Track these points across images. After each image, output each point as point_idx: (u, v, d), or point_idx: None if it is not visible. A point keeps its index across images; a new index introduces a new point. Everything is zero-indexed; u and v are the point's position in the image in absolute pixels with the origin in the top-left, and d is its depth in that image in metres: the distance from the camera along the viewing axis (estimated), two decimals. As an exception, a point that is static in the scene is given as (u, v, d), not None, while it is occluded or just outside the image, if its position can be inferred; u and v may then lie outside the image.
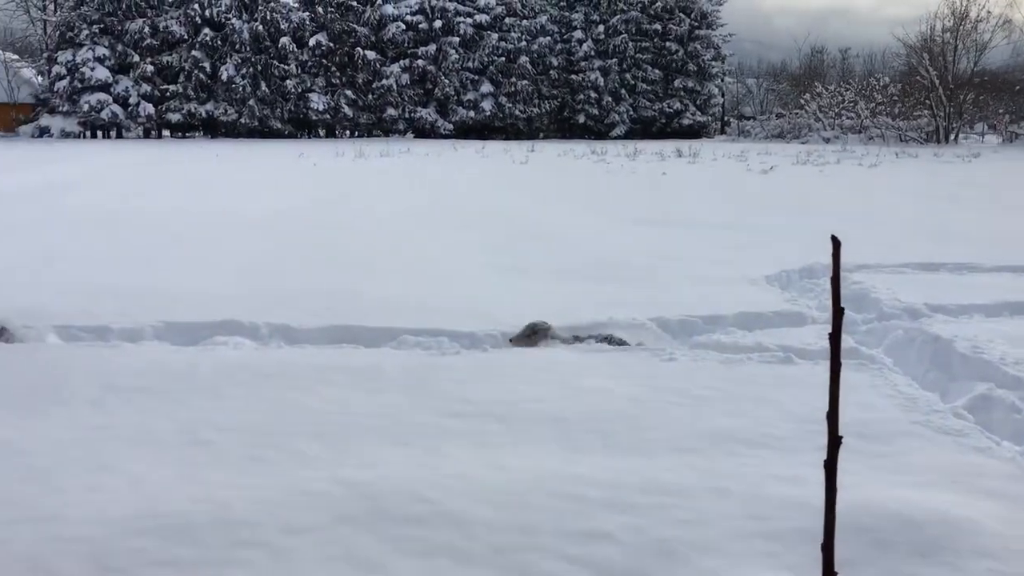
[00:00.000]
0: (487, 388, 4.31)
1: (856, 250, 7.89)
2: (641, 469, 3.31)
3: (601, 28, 51.56)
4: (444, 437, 3.67)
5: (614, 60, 51.57)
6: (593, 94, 51.36)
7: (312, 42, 46.13)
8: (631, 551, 2.70)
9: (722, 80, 58.63)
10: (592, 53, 51.52)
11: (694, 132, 52.37)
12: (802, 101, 48.42)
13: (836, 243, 1.28)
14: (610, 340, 5.22)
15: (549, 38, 51.41)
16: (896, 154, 29.16)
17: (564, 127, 52.69)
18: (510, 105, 49.86)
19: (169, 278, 6.97)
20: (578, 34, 51.93)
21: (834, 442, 1.31)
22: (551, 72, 51.34)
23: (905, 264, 7.76)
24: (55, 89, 44.02)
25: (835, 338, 1.31)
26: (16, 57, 50.97)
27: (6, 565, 2.56)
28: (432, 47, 48.64)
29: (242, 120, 45.01)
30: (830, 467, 1.32)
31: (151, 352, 4.89)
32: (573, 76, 51.71)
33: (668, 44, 52.22)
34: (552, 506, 2.98)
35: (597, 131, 51.22)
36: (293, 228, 10.13)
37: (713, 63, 54.68)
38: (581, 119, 51.77)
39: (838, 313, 1.28)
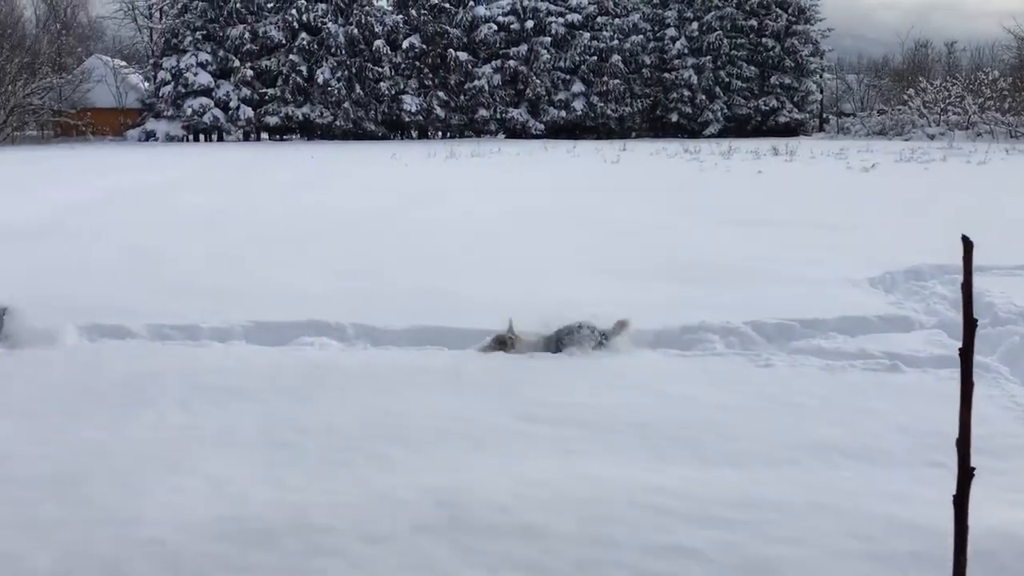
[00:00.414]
0: (570, 392, 4.18)
1: (966, 251, 7.45)
2: (732, 481, 3.13)
3: (695, 25, 50.73)
4: (525, 443, 3.55)
5: (708, 57, 50.68)
6: (686, 92, 50.58)
7: (405, 44, 46.70)
8: (721, 570, 2.53)
9: (820, 76, 57.00)
10: (685, 51, 50.74)
11: (791, 130, 51.03)
12: (905, 97, 46.61)
13: (968, 245, 1.10)
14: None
15: (641, 36, 50.84)
16: (1007, 151, 27.77)
17: (656, 126, 52.03)
18: (602, 104, 49.52)
19: (261, 277, 7.06)
20: (671, 32, 51.20)
21: (965, 474, 1.12)
22: (643, 71, 50.77)
23: (1020, 266, 7.28)
24: (160, 94, 45.67)
25: (967, 353, 1.12)
26: (124, 64, 53.10)
27: (82, 568, 2.55)
28: (523, 47, 48.67)
29: (337, 122, 45.86)
30: (960, 503, 1.13)
31: (238, 352, 4.92)
32: (666, 74, 51.01)
33: (764, 40, 51.03)
34: (636, 519, 2.83)
35: (690, 130, 50.41)
36: (384, 228, 10.18)
37: (811, 59, 53.21)
38: (674, 117, 51.03)
39: (970, 325, 1.10)
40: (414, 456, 3.40)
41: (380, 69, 46.23)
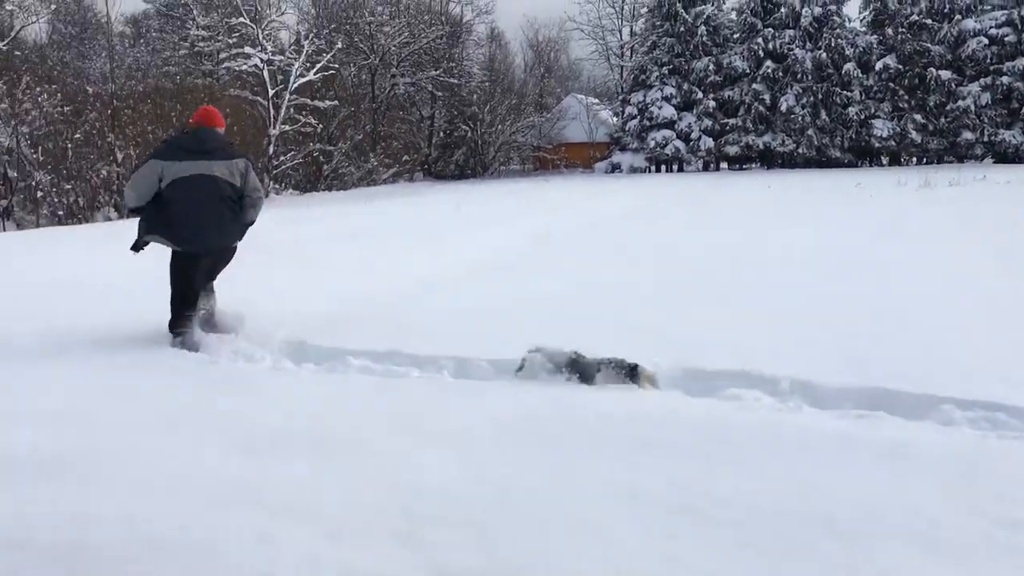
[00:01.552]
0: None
1: None
2: None
3: None
4: (999, 554, 2.84)
5: None
6: None
7: (879, 66, 43.88)
8: None
9: None
10: None
11: None
12: None
13: None
14: None
15: None
16: None
17: None
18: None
19: (690, 316, 6.80)
20: None
21: None
22: None
23: None
24: (626, 128, 48.10)
25: None
26: (596, 101, 56.99)
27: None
28: (1020, 62, 43.06)
29: (799, 150, 44.52)
30: None
31: (660, 400, 4.70)
32: None
33: None
34: None
35: None
36: (831, 266, 9.33)
37: None
38: None
39: None
40: (847, 553, 2.88)
41: (849, 93, 43.97)
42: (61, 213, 23.59)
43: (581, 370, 5.06)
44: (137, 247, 6.35)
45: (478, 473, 3.64)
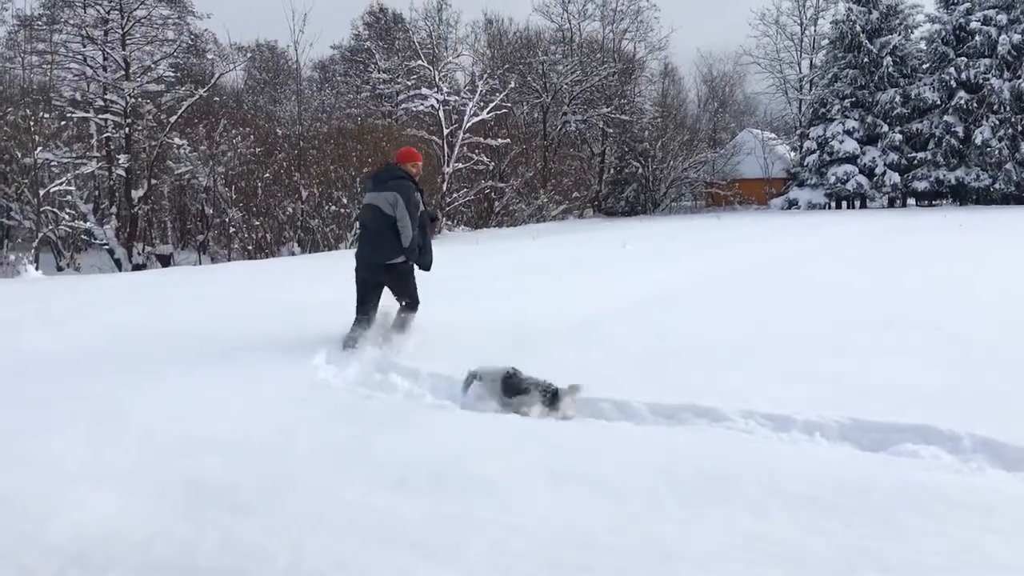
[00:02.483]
0: None
1: None
2: None
3: None
4: None
5: None
6: None
7: (1087, 95, 40.61)
8: None
9: None
10: None
11: None
12: None
13: None
14: None
15: None
16: None
17: None
18: None
19: (867, 365, 6.40)
20: None
21: None
22: None
23: None
24: (804, 163, 46.51)
25: None
26: (772, 136, 55.50)
27: None
28: None
29: (996, 185, 41.66)
30: None
31: (828, 455, 4.44)
32: None
33: None
34: None
35: None
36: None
37: None
38: None
39: None
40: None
41: (1051, 124, 40.85)
42: (250, 248, 25.15)
43: (513, 386, 5.54)
44: None
45: (628, 523, 3.55)
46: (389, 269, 7.43)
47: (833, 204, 46.15)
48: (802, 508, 3.67)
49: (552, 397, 5.39)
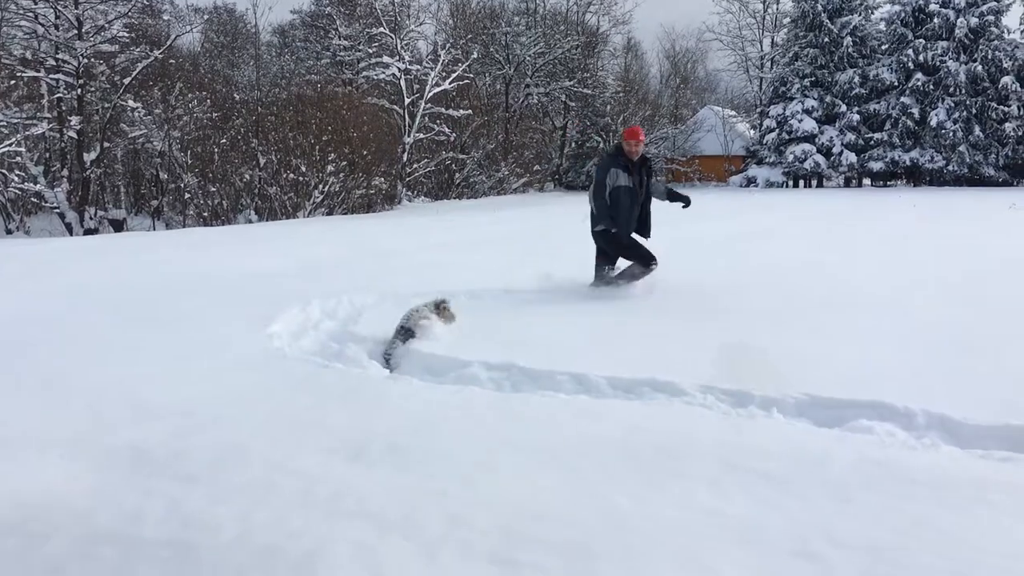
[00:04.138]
0: None
1: None
2: None
3: None
4: None
5: None
6: None
7: (1039, 79, 41.33)
8: None
9: None
10: None
11: None
12: None
13: None
14: None
15: None
16: None
17: None
18: None
19: (826, 344, 6.43)
20: None
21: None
22: None
23: None
24: (764, 141, 46.87)
25: None
26: (733, 113, 55.83)
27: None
28: None
29: (949, 167, 42.35)
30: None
31: (784, 430, 4.45)
32: None
33: None
34: None
35: None
36: (981, 295, 8.72)
37: None
38: None
39: None
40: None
41: (1006, 108, 41.54)
42: (206, 214, 24.75)
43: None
44: None
45: (585, 495, 3.52)
46: (596, 236, 8.79)
47: (791, 183, 46.60)
48: (758, 483, 3.67)
49: (405, 332, 6.30)
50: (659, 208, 9.02)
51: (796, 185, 46.79)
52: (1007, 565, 2.92)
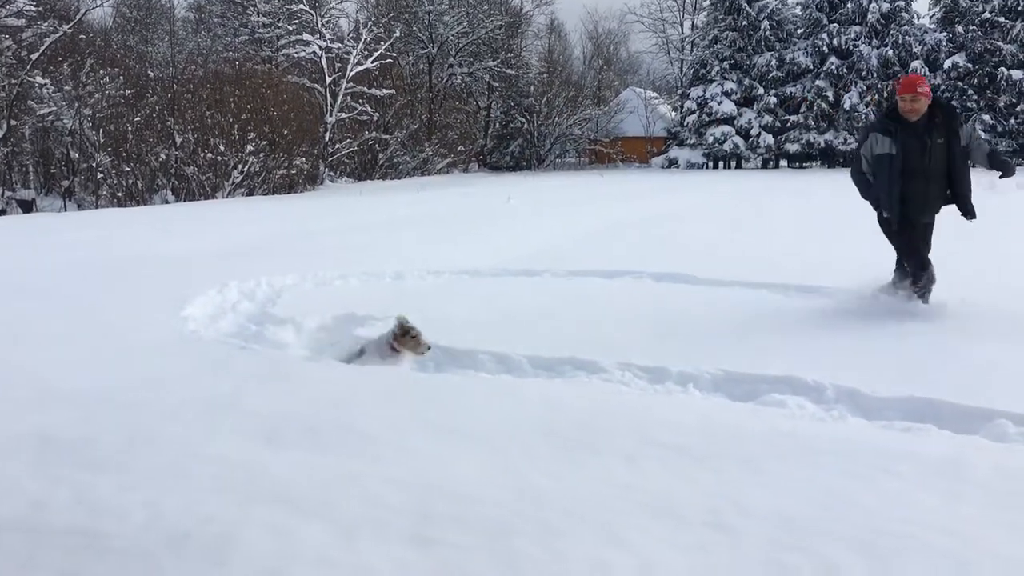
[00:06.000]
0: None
1: None
2: None
3: None
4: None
5: None
6: None
7: (947, 64, 42.74)
8: None
9: None
10: None
11: None
12: None
13: None
14: None
15: None
16: None
17: None
18: None
19: (738, 318, 6.59)
20: None
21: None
22: None
23: None
24: (684, 123, 47.52)
25: None
26: (655, 95, 56.47)
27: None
28: (1096, 62, 41.59)
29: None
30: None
31: (700, 405, 4.54)
32: None
33: None
34: None
35: None
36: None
37: None
38: None
39: None
40: (873, 571, 2.71)
41: (914, 92, 42.85)
42: (120, 195, 24.03)
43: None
44: None
45: (504, 473, 3.54)
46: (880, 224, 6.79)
47: (711, 164, 47.37)
48: (673, 457, 3.73)
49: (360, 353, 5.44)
50: (593, 187, 9.08)
51: (716, 166, 47.59)
52: (910, 531, 3.02)
